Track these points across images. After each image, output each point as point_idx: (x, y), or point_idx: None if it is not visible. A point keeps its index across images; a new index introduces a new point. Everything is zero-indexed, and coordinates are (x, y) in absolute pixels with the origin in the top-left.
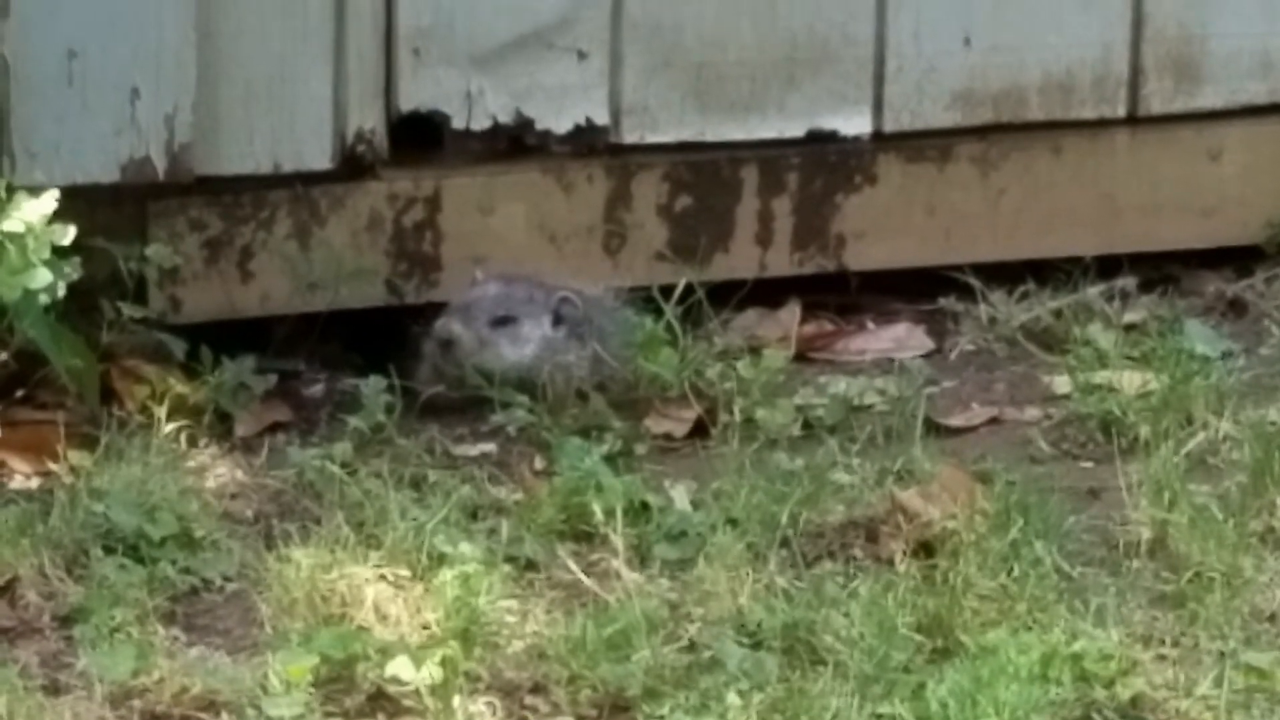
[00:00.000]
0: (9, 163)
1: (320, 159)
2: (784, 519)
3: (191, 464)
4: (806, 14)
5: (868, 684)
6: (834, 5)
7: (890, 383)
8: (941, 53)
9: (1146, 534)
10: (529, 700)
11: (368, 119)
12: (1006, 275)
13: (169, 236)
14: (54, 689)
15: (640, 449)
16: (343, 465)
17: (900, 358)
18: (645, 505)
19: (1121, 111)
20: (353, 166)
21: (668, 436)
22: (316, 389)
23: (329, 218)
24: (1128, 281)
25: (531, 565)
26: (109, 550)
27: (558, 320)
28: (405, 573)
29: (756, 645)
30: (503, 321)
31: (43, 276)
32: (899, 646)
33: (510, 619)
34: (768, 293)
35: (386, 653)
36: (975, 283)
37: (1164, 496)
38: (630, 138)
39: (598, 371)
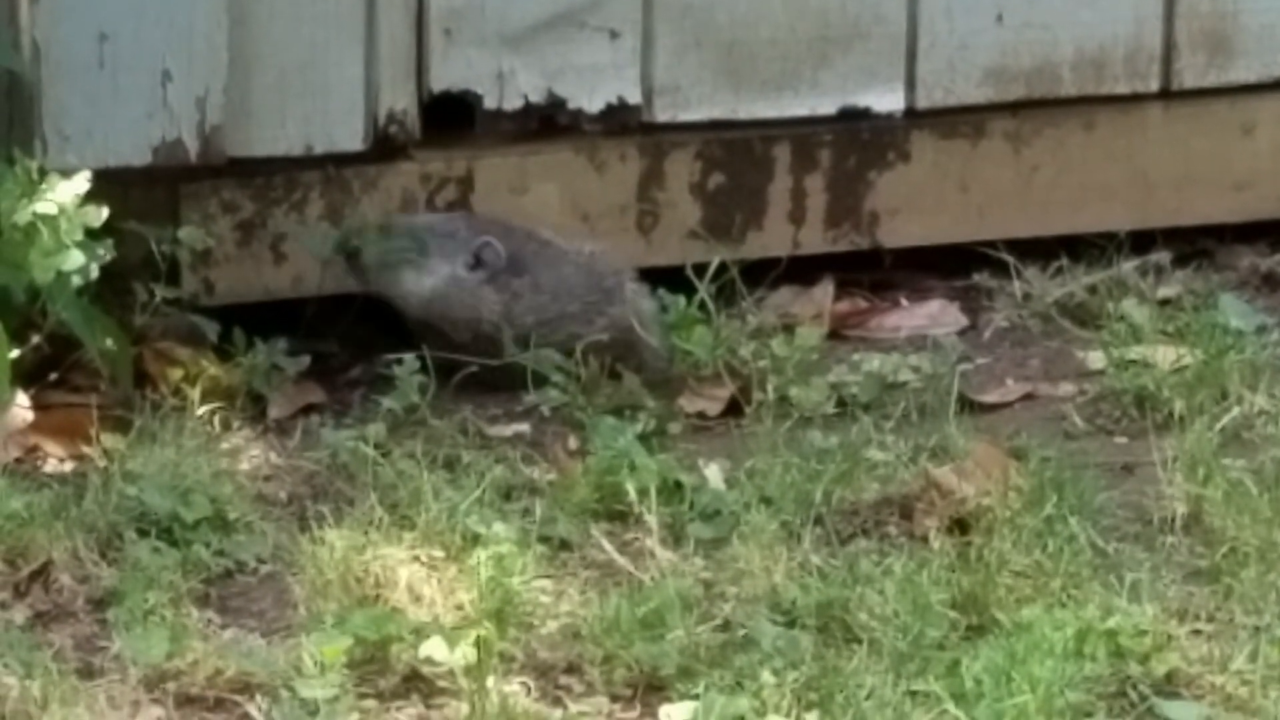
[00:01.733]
0: (41, 146)
1: (352, 140)
2: (818, 497)
3: (225, 446)
4: None
5: (902, 661)
6: None
7: (924, 360)
8: (973, 29)
9: (1181, 509)
10: (563, 680)
11: (399, 100)
12: (1040, 251)
13: (201, 219)
14: (88, 672)
15: (674, 428)
16: (376, 446)
17: (934, 334)
18: (679, 484)
19: (1154, 86)
20: (385, 147)
21: (701, 415)
22: (350, 371)
23: (362, 199)
24: (1161, 256)
25: (565, 545)
26: (143, 533)
27: (477, 264)
28: (439, 554)
29: (791, 624)
30: (409, 253)
31: (75, 259)
32: (933, 624)
33: (544, 599)
34: (801, 270)
35: (421, 634)
36: (1009, 259)
37: (1198, 471)
38: (663, 116)
39: (533, 324)
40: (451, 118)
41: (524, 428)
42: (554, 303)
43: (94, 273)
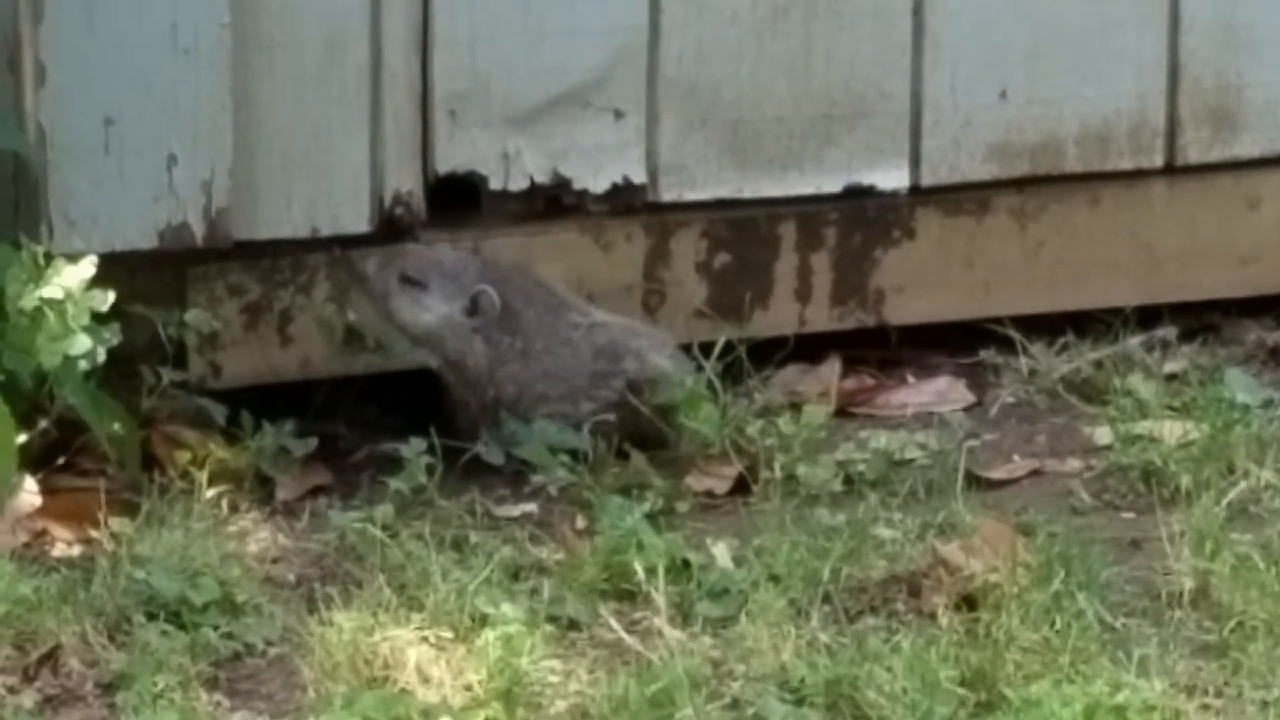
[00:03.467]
0: (47, 230)
1: (358, 222)
2: (826, 574)
3: (233, 529)
4: (842, 70)
5: None
6: (869, 61)
7: (931, 436)
8: (978, 106)
9: (1189, 584)
10: None
11: (405, 181)
12: (1046, 327)
13: (208, 301)
14: None
15: (682, 507)
16: (384, 528)
17: (941, 411)
18: (687, 563)
19: (1159, 161)
20: (391, 229)
21: (709, 494)
22: (358, 452)
23: None
24: (1168, 331)
25: (574, 625)
26: (151, 616)
27: (473, 310)
28: (448, 634)
29: (800, 702)
30: (413, 282)
31: (82, 343)
32: (942, 701)
33: (553, 679)
34: (808, 348)
35: (429, 715)
36: (1015, 335)
37: (1206, 546)
38: (668, 196)
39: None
40: (457, 199)
41: (531, 508)
42: (536, 380)
43: (101, 357)
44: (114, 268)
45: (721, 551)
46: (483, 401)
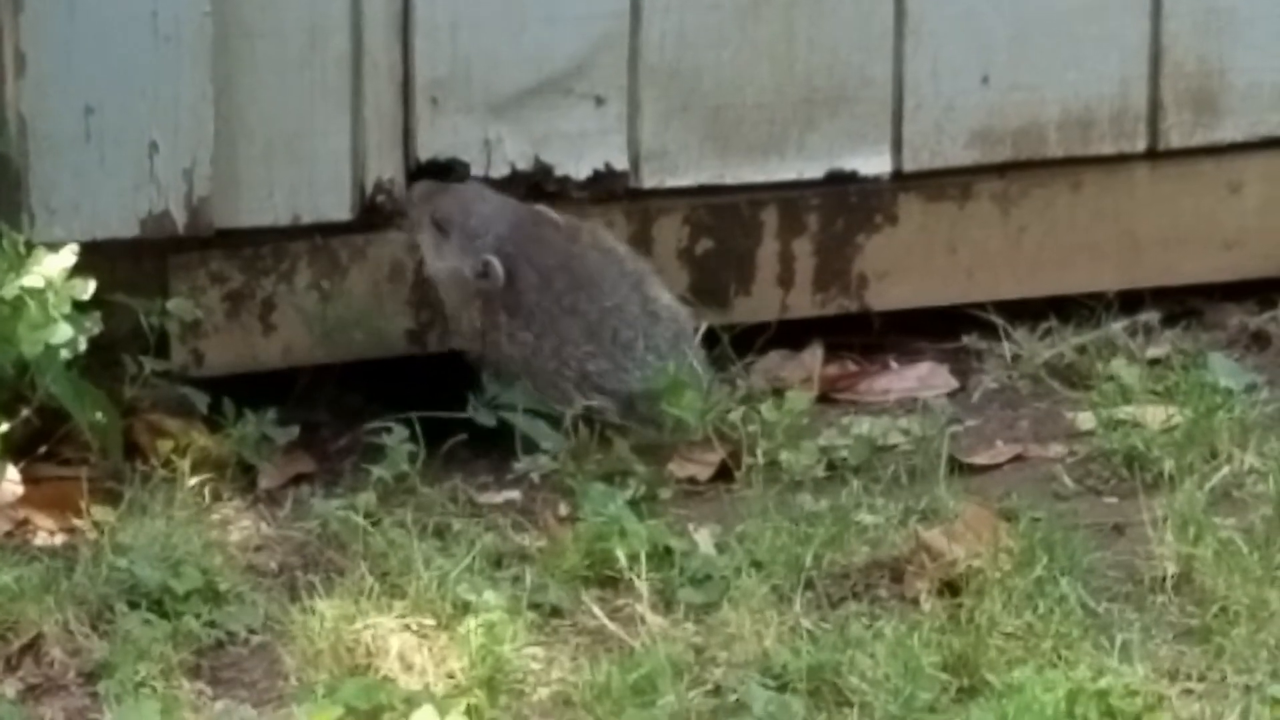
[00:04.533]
0: (28, 219)
1: (340, 210)
2: (808, 561)
3: (215, 517)
4: (824, 56)
5: None
6: (851, 46)
7: (914, 422)
8: (960, 91)
9: (1172, 569)
10: None
11: (387, 169)
12: (1029, 312)
13: (190, 290)
14: None
15: (664, 493)
16: (366, 515)
17: (924, 397)
18: (669, 550)
19: (1141, 146)
20: (373, 217)
21: (692, 480)
22: (340, 440)
23: (350, 268)
24: (1150, 316)
25: (556, 612)
26: (133, 605)
27: (484, 274)
28: (430, 622)
29: (782, 688)
30: (438, 226)
31: (63, 332)
32: (925, 686)
33: (535, 666)
34: (790, 334)
35: (411, 702)
36: (998, 320)
37: (1189, 531)
38: (650, 182)
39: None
40: (445, 183)
41: (514, 495)
42: (526, 361)
43: (82, 345)
44: (95, 256)
45: (704, 538)
46: (476, 355)
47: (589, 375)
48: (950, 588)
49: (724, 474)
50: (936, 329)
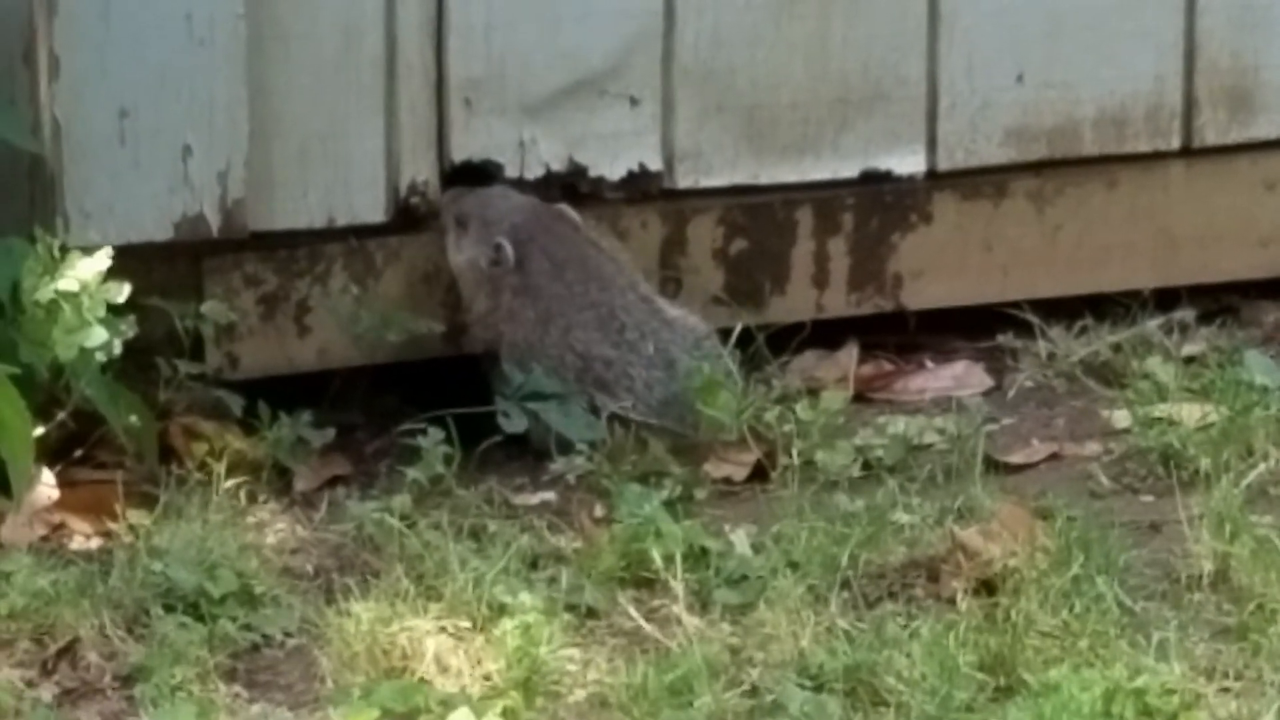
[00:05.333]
0: (63, 223)
1: (374, 212)
2: (844, 560)
3: (251, 520)
4: (858, 54)
5: None
6: (885, 45)
7: (950, 421)
8: (994, 89)
9: (1208, 567)
10: None
11: (421, 170)
12: (1064, 310)
13: (224, 293)
14: None
15: (700, 494)
16: (402, 518)
17: (959, 396)
18: (705, 550)
19: (1176, 144)
20: (407, 218)
21: (727, 481)
22: (375, 442)
23: (384, 270)
24: (1186, 314)
25: (592, 613)
26: (169, 609)
27: (494, 262)
28: (466, 624)
29: (819, 688)
30: (459, 221)
31: (98, 335)
32: (961, 686)
33: (571, 668)
34: (825, 334)
35: (448, 704)
36: (1033, 319)
37: (1225, 529)
38: (684, 182)
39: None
40: (474, 187)
41: (550, 496)
42: (532, 346)
43: (117, 349)
44: (130, 260)
45: (740, 538)
46: (486, 346)
47: (592, 366)
48: (986, 587)
49: (759, 474)
50: (972, 328)
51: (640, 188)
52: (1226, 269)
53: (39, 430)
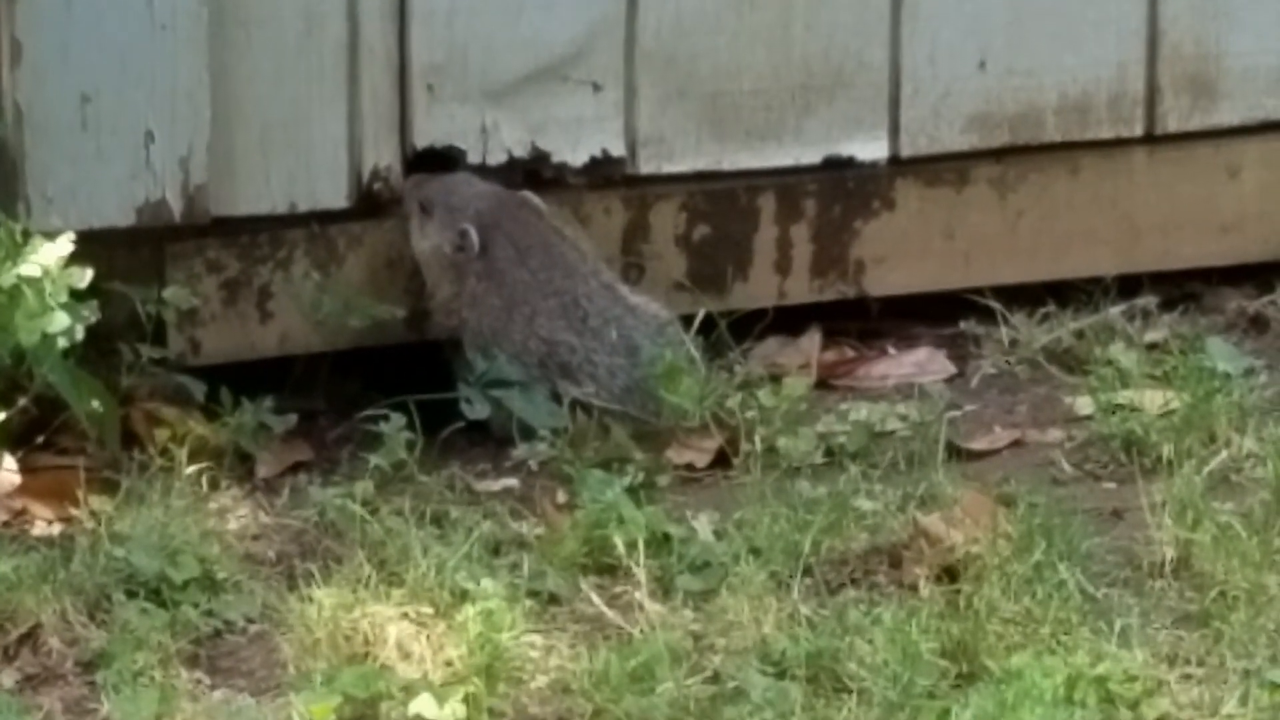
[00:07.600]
0: (25, 208)
1: (337, 198)
2: (807, 547)
3: (213, 506)
4: (820, 41)
5: (892, 711)
6: (848, 31)
7: (912, 408)
8: (957, 76)
9: (1170, 553)
10: None
11: (383, 156)
12: (1027, 297)
13: (186, 278)
14: None
15: (662, 480)
16: (364, 504)
17: (922, 382)
18: (667, 536)
19: (1139, 130)
20: (370, 204)
21: (690, 467)
22: (338, 428)
23: (347, 256)
24: (1148, 300)
25: (554, 599)
26: (131, 595)
27: (459, 248)
28: (428, 610)
29: (781, 675)
30: (423, 207)
31: (60, 320)
32: (923, 672)
33: (533, 654)
34: (788, 320)
35: (410, 691)
36: (996, 305)
37: (1187, 516)
38: (647, 168)
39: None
40: (436, 173)
41: (512, 482)
42: (495, 332)
43: (79, 334)
44: (92, 245)
45: (702, 525)
46: (449, 333)
47: (556, 352)
48: (949, 573)
49: (722, 460)
50: (934, 314)
51: (603, 173)
52: (1189, 256)
53: (1, 416)
